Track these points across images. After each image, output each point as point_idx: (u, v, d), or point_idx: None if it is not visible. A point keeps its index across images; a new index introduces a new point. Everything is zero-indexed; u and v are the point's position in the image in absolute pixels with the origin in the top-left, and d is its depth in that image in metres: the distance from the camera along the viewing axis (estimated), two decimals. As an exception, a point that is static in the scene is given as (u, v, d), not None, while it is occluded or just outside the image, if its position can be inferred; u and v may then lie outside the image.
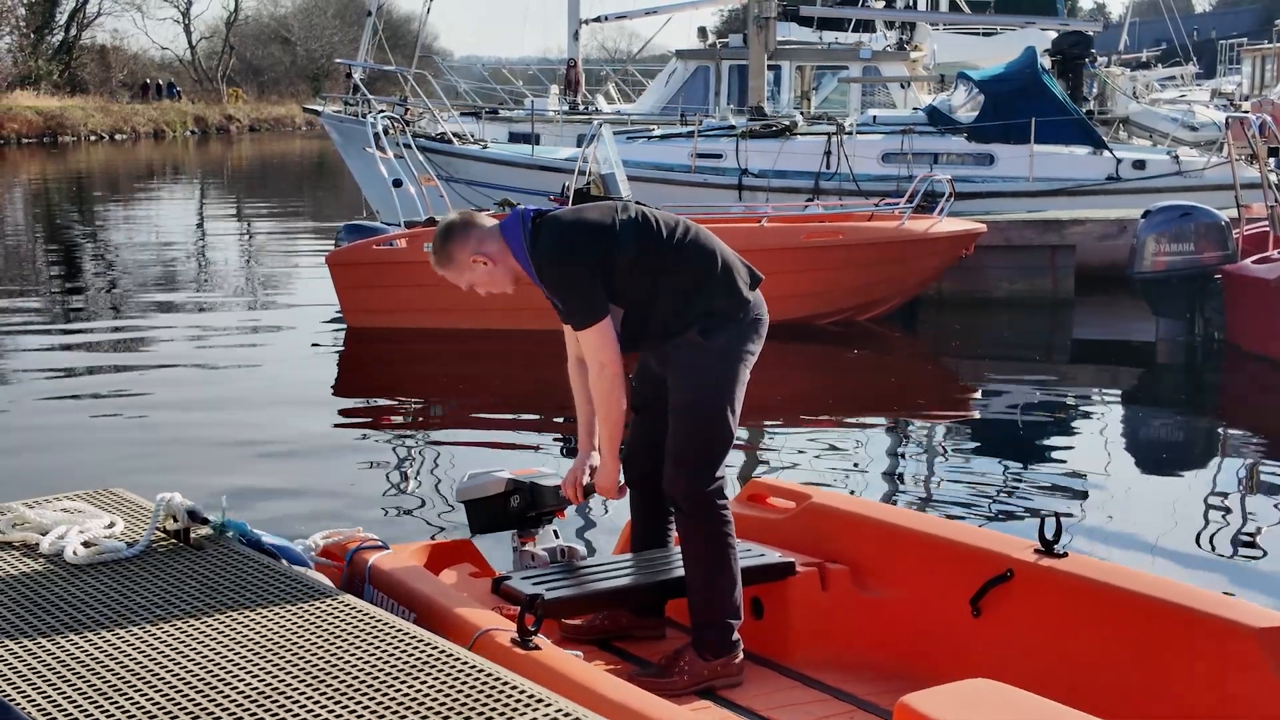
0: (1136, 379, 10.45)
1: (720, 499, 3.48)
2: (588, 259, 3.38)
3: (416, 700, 2.52)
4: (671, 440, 3.48)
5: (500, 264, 3.46)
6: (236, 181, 33.28)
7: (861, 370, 10.44)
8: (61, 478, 6.25)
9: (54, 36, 52.97)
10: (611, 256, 3.39)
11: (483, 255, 3.45)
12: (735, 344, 3.47)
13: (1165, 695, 3.07)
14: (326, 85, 50.61)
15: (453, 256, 3.47)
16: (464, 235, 3.47)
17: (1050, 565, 3.36)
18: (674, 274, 3.44)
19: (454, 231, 3.48)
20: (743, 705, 3.36)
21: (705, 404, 3.45)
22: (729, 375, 3.46)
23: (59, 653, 2.75)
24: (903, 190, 12.49)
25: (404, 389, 9.60)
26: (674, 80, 20.65)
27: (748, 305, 3.50)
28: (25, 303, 13.43)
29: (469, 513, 3.92)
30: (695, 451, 3.46)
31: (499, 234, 3.47)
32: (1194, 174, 14.72)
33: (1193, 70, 31.46)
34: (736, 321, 3.48)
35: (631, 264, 3.41)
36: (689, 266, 3.45)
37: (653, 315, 3.46)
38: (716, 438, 3.47)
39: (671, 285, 3.44)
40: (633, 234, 3.42)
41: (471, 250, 3.45)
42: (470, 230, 3.47)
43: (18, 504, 3.64)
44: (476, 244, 3.45)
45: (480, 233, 3.47)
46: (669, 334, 3.47)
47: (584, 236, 3.41)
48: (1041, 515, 3.53)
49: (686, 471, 3.45)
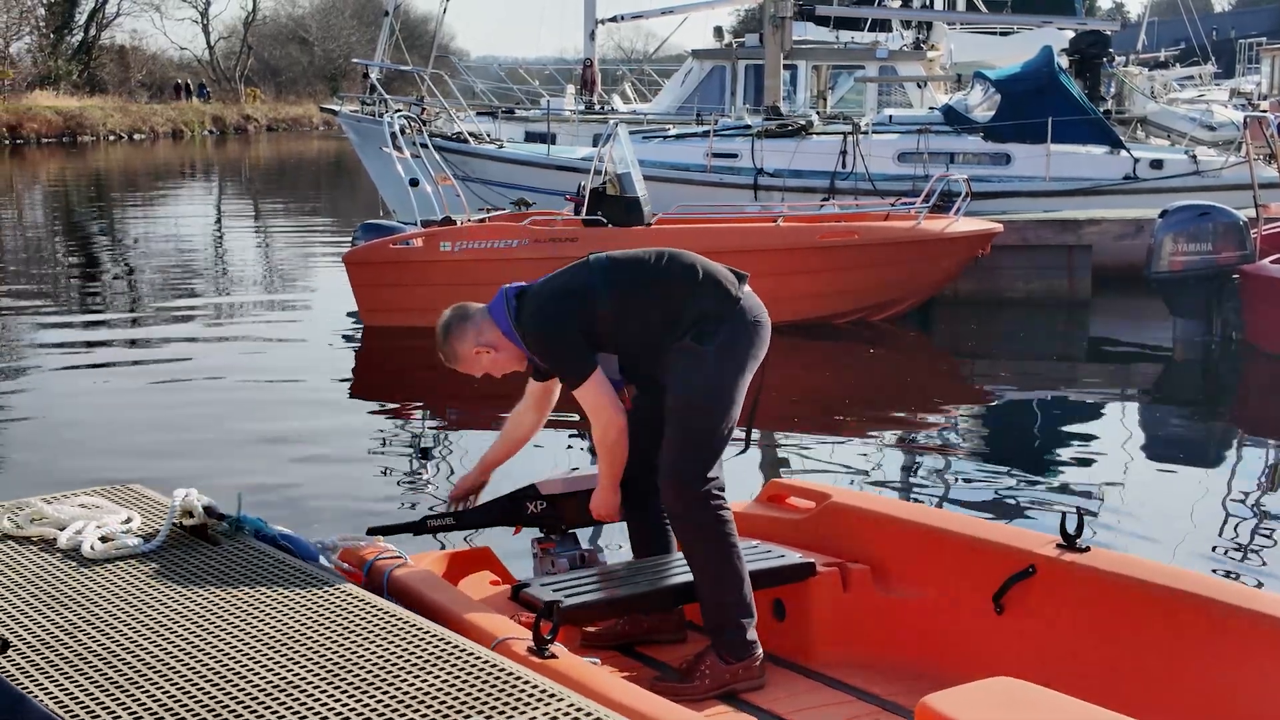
0: (1154, 379, 10.40)
1: (714, 500, 3.45)
2: (567, 322, 3.46)
3: (431, 694, 2.51)
4: (664, 444, 3.48)
5: (503, 349, 3.59)
6: (254, 181, 33.38)
7: (878, 370, 10.40)
8: (79, 473, 6.29)
9: (73, 37, 53.29)
10: (591, 313, 3.47)
11: (484, 345, 3.59)
12: (731, 346, 3.45)
13: (1192, 690, 3.04)
14: (344, 85, 50.73)
15: (458, 353, 3.64)
16: (461, 330, 3.60)
17: (1073, 560, 3.33)
18: (658, 302, 3.48)
19: (452, 329, 3.62)
20: (765, 708, 3.34)
21: (695, 406, 3.44)
22: (722, 378, 3.44)
23: (76, 646, 2.76)
24: (919, 190, 12.45)
25: (420, 388, 9.60)
26: (690, 80, 20.64)
27: (739, 303, 3.48)
28: (44, 300, 13.49)
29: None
30: (686, 455, 3.44)
31: (492, 320, 3.58)
32: (1212, 174, 14.65)
33: (1211, 70, 31.30)
34: (730, 320, 3.46)
35: (614, 312, 3.47)
36: (672, 288, 3.47)
37: (646, 348, 3.51)
38: (708, 441, 3.45)
39: (659, 312, 3.47)
40: (606, 286, 3.48)
41: (472, 343, 3.60)
42: (466, 323, 3.61)
43: (36, 499, 3.65)
44: (475, 336, 3.60)
45: (475, 323, 3.60)
46: (666, 346, 3.48)
47: (560, 302, 3.49)
48: (1063, 510, 3.49)
49: (678, 475, 3.44)
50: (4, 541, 3.44)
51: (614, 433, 3.52)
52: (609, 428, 3.51)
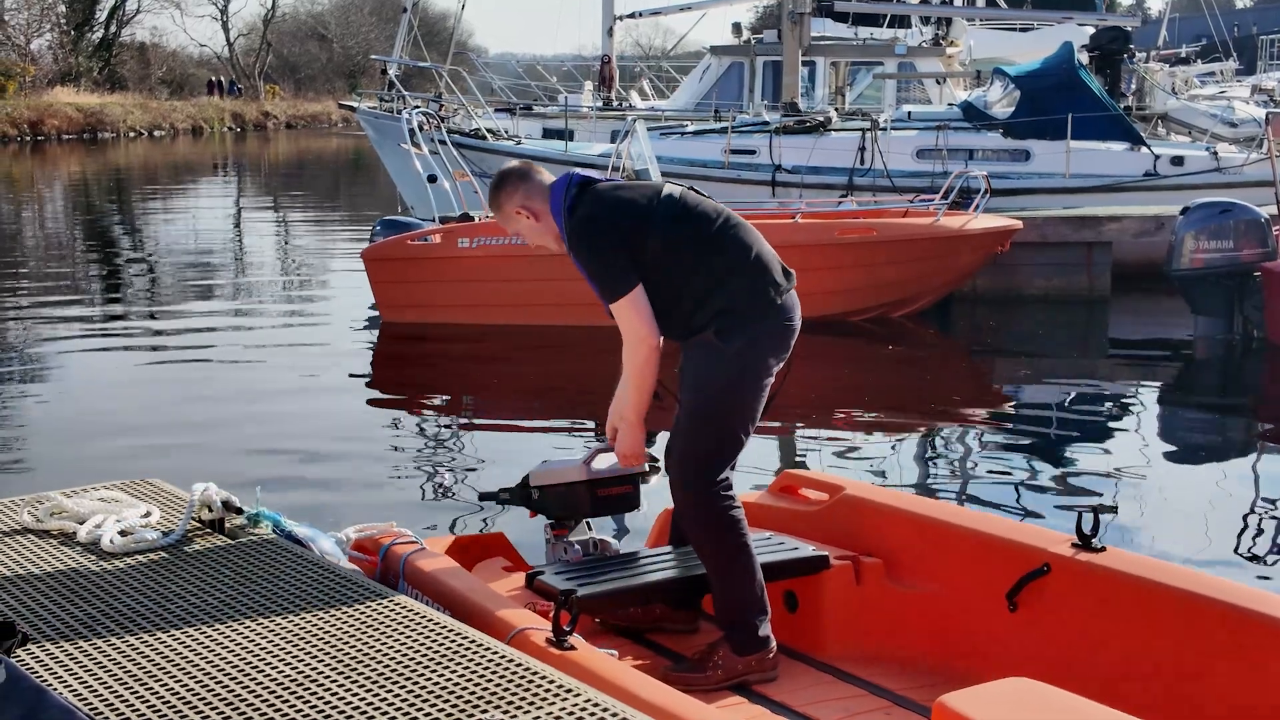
0: (1174, 377, 10.34)
1: (722, 500, 3.40)
2: (615, 238, 3.35)
3: (448, 689, 2.52)
4: (672, 438, 3.43)
5: (543, 221, 3.49)
6: (273, 177, 33.49)
7: (896, 366, 10.38)
8: (99, 467, 6.34)
9: (94, 33, 53.56)
10: (643, 238, 3.36)
11: (527, 209, 3.49)
12: (753, 348, 3.37)
13: (1207, 693, 3.01)
14: (362, 82, 50.91)
15: (500, 204, 3.54)
16: (514, 185, 3.51)
17: (1088, 560, 3.31)
18: (699, 265, 3.37)
19: (506, 180, 3.53)
20: (777, 700, 3.34)
21: (708, 406, 3.39)
22: (739, 380, 3.37)
23: (95, 639, 2.78)
24: (938, 187, 12.41)
25: (438, 383, 9.64)
26: (708, 76, 20.61)
27: (775, 307, 3.40)
28: (64, 295, 13.56)
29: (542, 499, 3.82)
30: (692, 453, 3.39)
31: (547, 192, 3.49)
32: (1233, 170, 14.57)
33: (1233, 66, 31.10)
34: (758, 323, 3.38)
35: (661, 249, 3.36)
36: (716, 259, 3.37)
37: (676, 306, 3.40)
38: (716, 442, 3.40)
39: (695, 277, 3.37)
40: (666, 218, 3.38)
41: (518, 202, 3.50)
42: (521, 182, 3.51)
43: (56, 493, 3.68)
44: (524, 197, 3.49)
45: (530, 186, 3.50)
46: (689, 330, 3.41)
47: (616, 215, 3.38)
48: (1079, 509, 3.48)
49: (682, 472, 3.40)
50: (25, 535, 3.47)
51: (645, 350, 3.35)
52: (640, 344, 3.34)
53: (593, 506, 3.74)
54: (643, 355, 3.36)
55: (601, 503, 3.74)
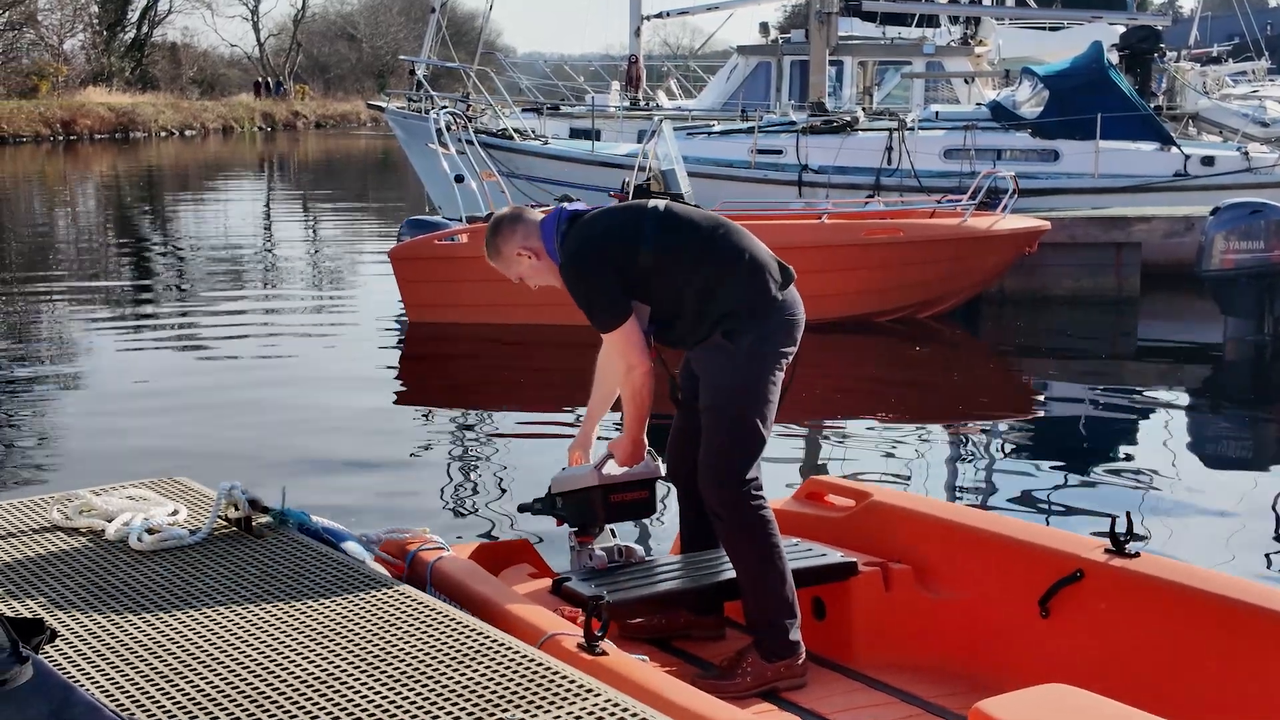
0: (1204, 379, 10.25)
1: (754, 500, 3.43)
2: (605, 268, 3.43)
3: (471, 688, 2.52)
4: (702, 445, 3.47)
5: (543, 259, 3.57)
6: (303, 177, 33.66)
7: (923, 368, 10.33)
8: (127, 465, 6.38)
9: (126, 34, 54.02)
10: (633, 256, 3.43)
11: (527, 249, 3.56)
12: (762, 344, 3.42)
13: (1243, 698, 2.98)
14: (391, 82, 51.12)
15: (500, 249, 3.61)
16: (511, 228, 3.59)
17: (1122, 565, 3.27)
18: (696, 273, 3.43)
19: (502, 225, 3.61)
20: (806, 707, 3.32)
21: (730, 406, 3.42)
22: (755, 377, 3.42)
23: (122, 636, 2.78)
24: (965, 187, 12.35)
25: (464, 384, 9.65)
26: (735, 76, 20.58)
27: (776, 304, 3.45)
28: (95, 294, 13.66)
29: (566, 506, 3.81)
30: (723, 455, 3.43)
31: (540, 232, 3.56)
32: (1264, 170, 14.44)
33: (1265, 65, 30.79)
34: (763, 321, 3.43)
35: (653, 261, 3.43)
36: (711, 266, 3.43)
37: (679, 315, 3.47)
38: (743, 440, 3.43)
39: (694, 285, 3.43)
40: (656, 231, 3.45)
41: (518, 244, 3.57)
42: (518, 224, 3.59)
43: (85, 491, 3.70)
44: (523, 238, 3.57)
45: (526, 227, 3.58)
46: (696, 338, 3.47)
47: (605, 241, 3.47)
48: (1112, 515, 3.44)
49: (715, 475, 3.43)
50: (54, 533, 3.49)
51: (637, 376, 3.46)
52: (631, 372, 3.46)
53: (608, 514, 3.77)
54: (636, 382, 3.48)
55: (615, 509, 3.77)
